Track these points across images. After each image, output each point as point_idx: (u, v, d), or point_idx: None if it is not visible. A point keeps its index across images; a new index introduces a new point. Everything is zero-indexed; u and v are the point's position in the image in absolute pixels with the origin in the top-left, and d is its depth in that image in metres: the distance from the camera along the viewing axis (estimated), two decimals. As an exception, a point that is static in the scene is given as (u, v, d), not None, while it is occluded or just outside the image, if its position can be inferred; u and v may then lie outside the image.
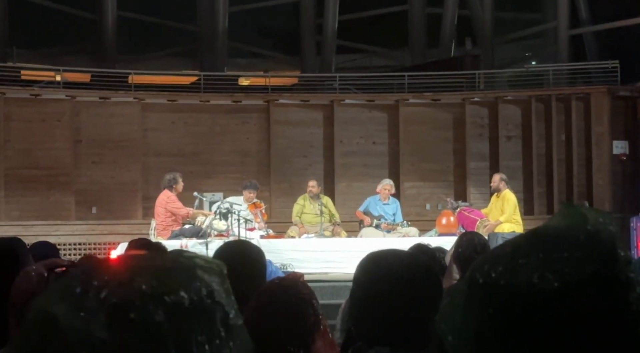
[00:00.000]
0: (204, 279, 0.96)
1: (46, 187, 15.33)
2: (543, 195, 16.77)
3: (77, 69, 16.97)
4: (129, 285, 0.93)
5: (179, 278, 0.95)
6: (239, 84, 18.29)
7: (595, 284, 0.94)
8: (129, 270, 0.95)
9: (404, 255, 2.15)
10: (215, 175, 16.04)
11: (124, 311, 0.91)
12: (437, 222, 13.09)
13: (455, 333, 0.98)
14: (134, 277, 0.94)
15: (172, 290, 0.93)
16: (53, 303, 0.93)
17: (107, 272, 0.96)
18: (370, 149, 16.85)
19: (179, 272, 0.96)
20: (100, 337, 0.89)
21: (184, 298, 0.93)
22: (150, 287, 0.93)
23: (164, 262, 0.98)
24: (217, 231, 11.97)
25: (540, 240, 0.99)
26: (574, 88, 16.89)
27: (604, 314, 0.93)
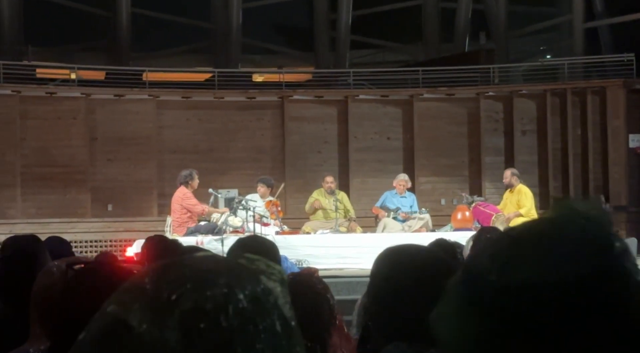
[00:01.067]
0: (267, 284, 0.97)
1: (62, 184, 15.41)
2: (559, 189, 16.71)
3: (92, 66, 17.04)
4: (200, 290, 0.92)
5: (245, 284, 0.94)
6: (253, 80, 18.31)
7: (593, 278, 0.93)
8: (199, 274, 0.94)
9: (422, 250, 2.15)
10: (229, 172, 16.07)
11: (197, 318, 0.90)
12: (453, 217, 13.07)
13: (450, 332, 0.98)
14: (205, 282, 0.93)
15: (240, 298, 0.93)
16: (124, 305, 0.92)
17: (178, 274, 0.95)
18: (385, 144, 16.83)
19: (245, 277, 0.96)
20: (171, 343, 0.89)
21: (252, 305, 0.93)
22: (222, 293, 0.93)
23: (229, 266, 0.98)
24: (233, 227, 12.00)
25: (533, 236, 0.99)
26: (590, 81, 16.81)
27: (604, 308, 0.92)
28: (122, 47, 17.84)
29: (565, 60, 17.47)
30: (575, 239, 0.96)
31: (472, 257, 1.01)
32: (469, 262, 1.01)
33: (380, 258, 2.13)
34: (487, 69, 17.33)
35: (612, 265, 0.95)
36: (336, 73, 17.74)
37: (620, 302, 0.93)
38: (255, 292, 0.93)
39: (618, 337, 0.92)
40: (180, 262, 0.97)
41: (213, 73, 17.33)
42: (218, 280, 0.93)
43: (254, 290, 0.94)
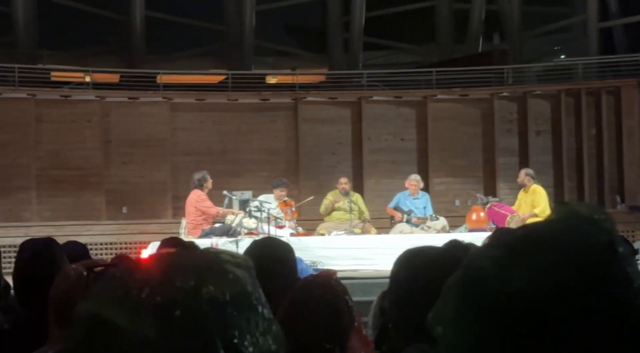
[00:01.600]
0: (235, 274, 0.98)
1: (77, 187, 15.46)
2: (574, 190, 16.65)
3: (106, 69, 17.10)
4: (168, 284, 0.95)
5: (213, 274, 0.97)
6: (266, 82, 18.32)
7: (594, 282, 0.92)
8: (166, 269, 0.97)
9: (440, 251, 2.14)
10: (244, 174, 16.08)
11: (169, 309, 0.93)
12: (467, 217, 13.03)
13: (448, 334, 0.98)
14: (172, 276, 0.96)
15: (209, 287, 0.95)
16: (102, 306, 0.94)
17: (145, 272, 0.98)
18: (399, 145, 16.81)
19: (211, 268, 0.98)
20: (150, 336, 0.91)
21: (222, 293, 0.95)
22: (190, 284, 0.95)
23: (195, 259, 1.00)
24: (247, 229, 12.01)
25: (535, 239, 0.98)
26: (604, 81, 16.74)
27: (604, 312, 0.91)
28: (136, 49, 17.89)
29: (579, 60, 17.40)
30: (578, 243, 0.95)
31: (472, 259, 1.00)
32: (468, 263, 1.01)
33: (399, 260, 2.12)
34: (500, 70, 17.29)
35: (614, 270, 0.94)
36: (350, 74, 17.73)
37: (621, 306, 0.92)
38: (224, 280, 0.96)
39: (618, 341, 0.91)
40: (146, 262, 1.00)
41: (226, 75, 17.36)
42: (184, 273, 0.96)
43: (222, 278, 0.96)
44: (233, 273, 0.98)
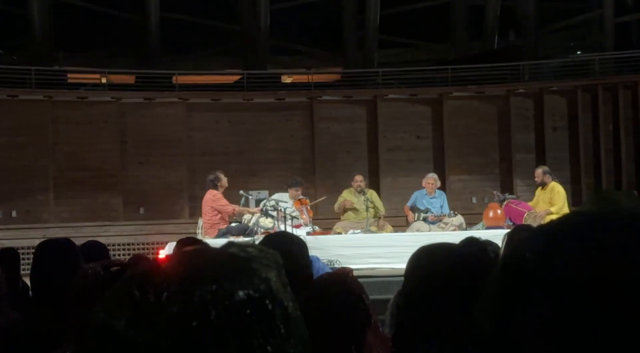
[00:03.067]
0: (260, 272, 0.95)
1: (94, 188, 15.53)
2: (591, 186, 16.57)
3: (122, 70, 17.15)
4: (187, 290, 0.91)
5: (235, 275, 0.93)
6: (281, 81, 18.33)
7: (632, 270, 0.92)
8: (185, 273, 0.94)
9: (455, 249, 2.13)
10: (260, 173, 16.11)
11: (185, 319, 0.90)
12: (484, 215, 12.98)
13: (492, 324, 0.97)
14: (192, 281, 0.92)
15: (231, 291, 0.92)
16: (112, 316, 0.92)
17: (164, 275, 0.94)
18: (415, 143, 16.79)
19: (235, 268, 0.95)
20: (162, 348, 0.89)
21: (244, 299, 0.92)
22: (210, 291, 0.91)
23: (218, 259, 0.96)
24: (264, 228, 12.01)
25: (574, 226, 0.97)
26: (621, 77, 16.65)
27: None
28: (151, 50, 17.94)
29: (596, 56, 17.31)
30: (619, 231, 0.94)
31: (512, 250, 1.00)
32: (508, 254, 1.00)
33: (414, 257, 2.12)
34: (516, 66, 17.22)
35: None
36: (365, 73, 17.71)
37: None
38: (248, 284, 0.92)
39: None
40: (167, 262, 0.97)
41: (242, 75, 17.38)
42: (205, 277, 0.92)
43: (246, 282, 0.93)
44: (257, 272, 0.95)
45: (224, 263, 0.95)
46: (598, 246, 0.93)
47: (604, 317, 0.90)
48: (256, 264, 0.95)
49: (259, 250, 0.98)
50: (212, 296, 0.91)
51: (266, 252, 0.98)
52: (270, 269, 0.96)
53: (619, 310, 0.90)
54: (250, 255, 0.97)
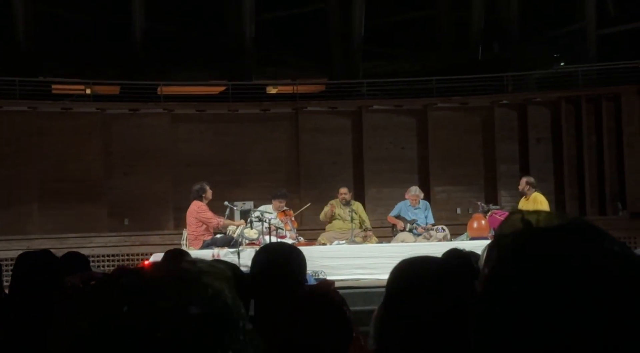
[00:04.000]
0: (215, 287, 0.98)
1: (79, 199, 15.47)
2: (575, 197, 16.65)
3: (107, 81, 17.11)
4: (149, 305, 0.94)
5: (193, 291, 0.96)
6: (266, 92, 18.33)
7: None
8: (146, 288, 0.96)
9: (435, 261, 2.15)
10: (245, 184, 16.10)
11: (147, 333, 0.92)
12: (469, 225, 13.03)
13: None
14: (152, 296, 0.95)
15: (190, 305, 0.94)
16: (82, 334, 0.94)
17: (126, 290, 0.96)
18: (400, 154, 16.82)
19: (191, 284, 0.97)
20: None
21: (203, 312, 0.94)
22: (170, 305, 0.94)
23: (174, 275, 0.99)
24: (249, 240, 12.01)
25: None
26: (604, 88, 16.75)
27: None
28: (136, 61, 17.92)
29: (579, 67, 17.41)
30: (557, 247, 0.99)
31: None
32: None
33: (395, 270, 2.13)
34: (500, 77, 17.30)
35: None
36: (350, 84, 17.75)
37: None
38: (204, 297, 0.96)
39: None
40: (132, 272, 0.99)
41: (227, 86, 17.38)
42: (166, 292, 0.95)
43: (203, 295, 0.96)
44: (212, 287, 0.97)
45: (180, 279, 0.98)
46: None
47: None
48: (207, 278, 0.98)
49: (209, 266, 1.01)
50: (173, 310, 0.93)
51: (216, 267, 1.01)
52: (221, 282, 0.98)
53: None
54: (201, 269, 1.00)
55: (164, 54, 18.89)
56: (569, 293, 0.93)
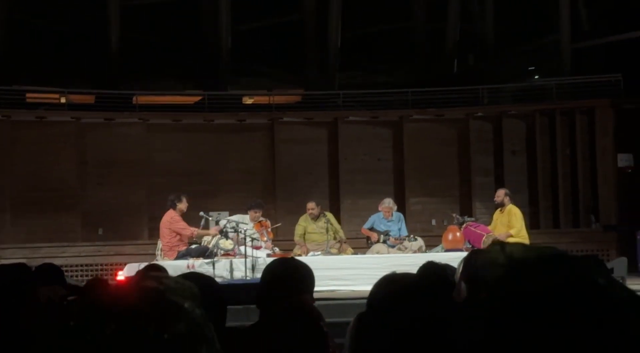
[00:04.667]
0: (185, 308, 0.97)
1: (53, 209, 15.36)
2: (549, 209, 16.75)
3: (82, 90, 17.02)
4: (126, 327, 0.94)
5: (166, 314, 0.96)
6: (242, 102, 18.31)
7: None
8: (121, 310, 0.96)
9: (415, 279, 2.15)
10: (220, 194, 16.05)
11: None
12: (444, 237, 13.07)
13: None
14: (128, 320, 0.95)
15: (165, 328, 0.94)
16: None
17: (104, 312, 0.97)
18: (375, 165, 16.85)
19: (163, 307, 0.97)
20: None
21: (172, 333, 0.94)
22: (146, 330, 0.94)
23: (145, 296, 0.98)
24: (224, 250, 11.97)
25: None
26: (578, 102, 16.89)
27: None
28: (112, 70, 17.85)
29: (553, 81, 17.55)
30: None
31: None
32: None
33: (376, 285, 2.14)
34: (476, 90, 17.39)
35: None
36: (326, 95, 17.77)
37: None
38: (177, 321, 0.95)
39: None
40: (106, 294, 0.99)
41: (203, 96, 17.34)
42: (140, 315, 0.95)
43: (175, 317, 0.96)
44: (183, 308, 0.97)
45: (151, 300, 0.97)
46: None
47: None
48: (178, 298, 0.98)
49: (175, 282, 1.01)
50: (148, 334, 0.93)
51: (182, 284, 1.01)
52: (190, 303, 0.98)
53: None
54: (169, 287, 0.99)
55: (140, 64, 18.83)
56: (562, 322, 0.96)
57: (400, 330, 1.99)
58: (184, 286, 1.00)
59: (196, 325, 0.96)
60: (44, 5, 18.67)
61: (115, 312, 0.96)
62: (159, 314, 0.95)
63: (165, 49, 19.63)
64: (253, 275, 11.38)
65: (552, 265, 1.01)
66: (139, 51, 18.90)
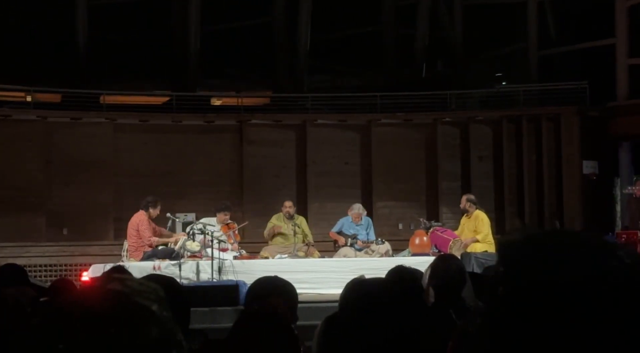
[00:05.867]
0: (146, 307, 0.96)
1: (17, 208, 15.19)
2: (515, 214, 16.88)
3: (48, 89, 16.85)
4: (97, 333, 0.93)
5: (134, 320, 0.95)
6: (211, 104, 18.25)
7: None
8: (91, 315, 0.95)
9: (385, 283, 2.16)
10: (187, 196, 15.98)
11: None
12: (411, 242, 13.13)
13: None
14: (99, 325, 0.94)
15: (124, 330, 0.94)
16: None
17: (72, 319, 0.96)
18: (343, 169, 16.88)
19: (130, 311, 0.96)
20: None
21: (138, 336, 0.94)
22: (106, 332, 0.93)
23: (104, 301, 0.97)
24: (190, 252, 11.93)
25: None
26: (545, 108, 17.05)
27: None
28: (79, 69, 17.70)
29: (520, 87, 17.69)
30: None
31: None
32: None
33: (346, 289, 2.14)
34: (444, 95, 17.49)
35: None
36: (295, 97, 17.77)
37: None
38: (135, 322, 0.95)
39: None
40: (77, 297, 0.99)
41: (171, 96, 17.26)
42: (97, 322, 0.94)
43: (133, 320, 0.95)
44: (151, 311, 0.96)
45: (118, 302, 0.96)
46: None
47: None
48: (146, 301, 0.97)
49: (139, 284, 1.00)
50: (121, 338, 0.92)
51: (147, 286, 1.00)
52: (157, 306, 0.97)
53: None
54: (134, 289, 0.98)
55: (108, 63, 18.70)
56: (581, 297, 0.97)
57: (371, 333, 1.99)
58: (149, 288, 0.99)
59: (166, 329, 0.95)
60: (10, 2, 18.48)
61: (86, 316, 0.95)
62: (129, 318, 0.94)
63: (133, 48, 19.51)
64: (219, 278, 11.35)
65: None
66: (107, 50, 18.77)
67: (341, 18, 20.69)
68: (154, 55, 19.44)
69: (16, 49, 18.25)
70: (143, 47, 19.69)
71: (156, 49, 19.61)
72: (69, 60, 17.75)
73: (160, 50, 19.48)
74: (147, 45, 19.69)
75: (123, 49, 19.43)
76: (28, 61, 18.09)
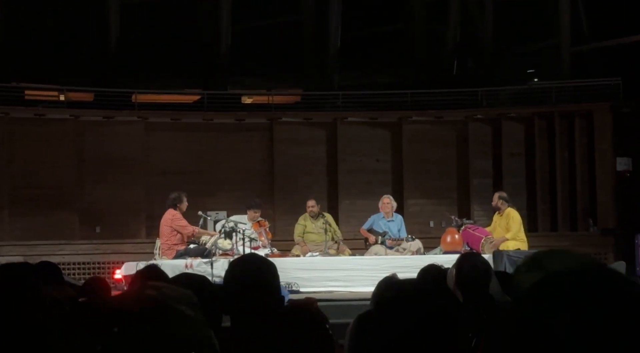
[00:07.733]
0: (191, 316, 0.98)
1: (50, 206, 15.33)
2: (547, 212, 16.75)
3: (81, 88, 16.99)
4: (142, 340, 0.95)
5: (175, 326, 0.96)
6: (242, 102, 18.30)
7: None
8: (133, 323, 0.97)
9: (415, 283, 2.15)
10: (218, 194, 16.04)
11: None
12: (442, 239, 13.06)
13: None
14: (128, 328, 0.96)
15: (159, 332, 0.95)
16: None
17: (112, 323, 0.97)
18: (374, 166, 16.85)
19: (171, 319, 0.98)
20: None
21: (172, 338, 0.95)
22: (145, 334, 0.94)
23: (152, 306, 0.99)
24: (222, 250, 11.97)
25: None
26: (577, 105, 16.89)
27: None
28: (111, 68, 17.83)
29: (552, 84, 17.55)
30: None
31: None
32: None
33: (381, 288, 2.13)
34: (475, 92, 17.39)
35: None
36: (325, 95, 17.76)
37: None
38: (169, 325, 0.98)
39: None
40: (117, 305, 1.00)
41: (202, 95, 17.32)
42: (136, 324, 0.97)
43: (182, 328, 0.96)
44: (185, 314, 0.99)
45: (157, 310, 0.98)
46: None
47: None
48: (182, 307, 0.99)
49: (171, 290, 1.02)
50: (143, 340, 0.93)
51: (180, 291, 1.02)
52: (193, 310, 0.99)
53: None
54: (167, 294, 1.00)
55: (139, 62, 18.80)
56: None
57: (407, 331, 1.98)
58: (183, 294, 1.02)
59: (199, 332, 0.97)
60: (43, 3, 18.65)
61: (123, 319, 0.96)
62: (164, 321, 0.96)
63: (164, 47, 19.60)
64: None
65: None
66: (138, 49, 18.88)
67: (371, 15, 20.66)
68: (185, 53, 19.53)
69: (49, 49, 18.41)
70: (174, 46, 19.78)
71: (187, 48, 19.69)
72: (101, 60, 17.88)
73: (191, 48, 19.55)
74: (178, 44, 19.78)
75: (154, 48, 19.53)
76: (61, 61, 18.25)
